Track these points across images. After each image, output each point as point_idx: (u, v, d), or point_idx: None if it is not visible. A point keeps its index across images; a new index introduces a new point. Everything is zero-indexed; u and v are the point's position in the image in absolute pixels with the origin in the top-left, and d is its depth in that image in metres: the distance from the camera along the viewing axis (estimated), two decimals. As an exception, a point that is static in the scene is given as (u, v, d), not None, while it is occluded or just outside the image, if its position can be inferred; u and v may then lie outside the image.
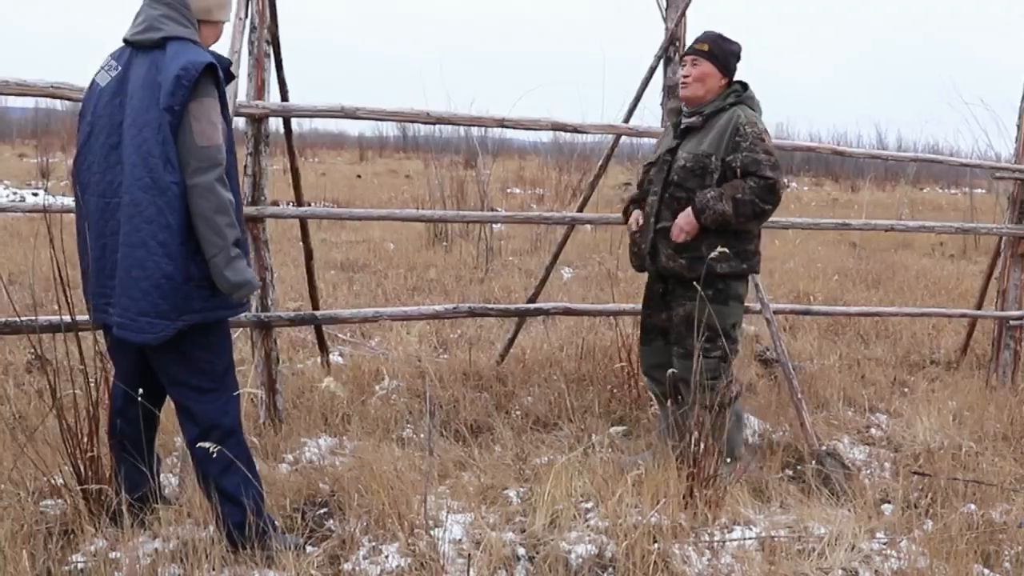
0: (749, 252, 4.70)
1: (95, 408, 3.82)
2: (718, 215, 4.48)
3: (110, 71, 3.53)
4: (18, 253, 10.83)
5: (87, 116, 3.55)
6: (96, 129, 3.50)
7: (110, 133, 3.44)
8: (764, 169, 4.48)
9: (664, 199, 4.73)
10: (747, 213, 4.47)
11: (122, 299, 3.38)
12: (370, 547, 3.72)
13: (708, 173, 4.59)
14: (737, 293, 4.77)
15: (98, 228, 3.47)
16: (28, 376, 6.15)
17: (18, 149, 32.39)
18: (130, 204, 3.33)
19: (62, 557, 3.47)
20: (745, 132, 4.56)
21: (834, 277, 11.69)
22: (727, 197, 4.46)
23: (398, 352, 7.05)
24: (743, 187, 4.47)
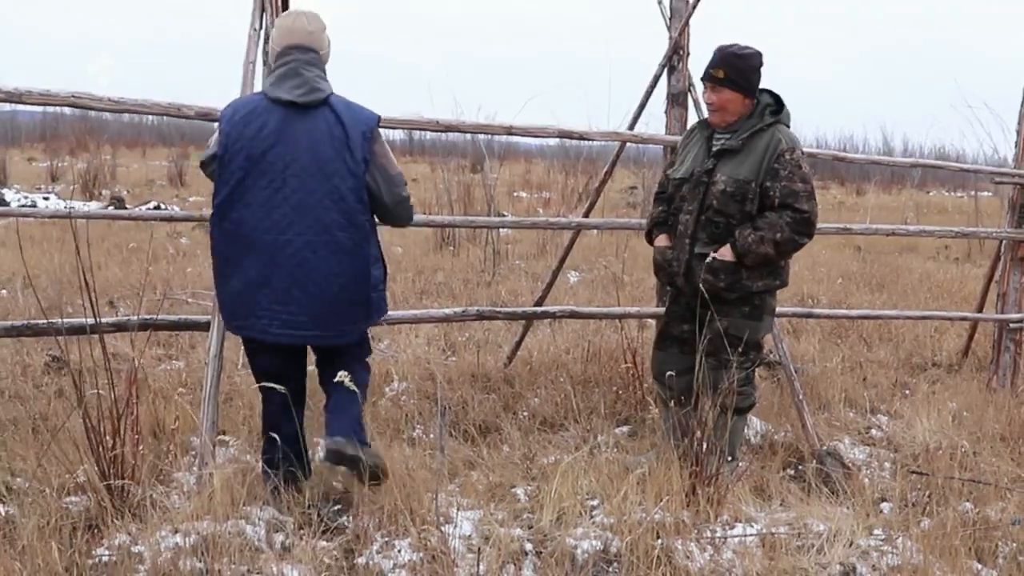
0: (781, 268, 4.81)
1: (118, 407, 3.95)
2: (760, 257, 4.58)
3: (260, 126, 4.01)
4: (32, 257, 11.00)
5: (239, 161, 4.00)
6: (254, 176, 3.99)
7: (272, 179, 3.98)
8: (801, 202, 4.55)
9: (700, 221, 4.74)
10: (787, 250, 4.61)
11: (322, 315, 4.07)
12: (383, 542, 3.86)
13: (748, 199, 4.62)
14: (771, 307, 4.90)
15: (266, 258, 4.01)
16: (46, 377, 6.29)
17: (27, 153, 32.51)
18: (330, 242, 4.01)
19: (87, 550, 3.61)
20: (785, 160, 4.58)
21: (838, 280, 11.79)
22: (768, 240, 4.53)
23: (407, 355, 7.18)
24: (781, 225, 4.53)
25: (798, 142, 4.70)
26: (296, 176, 3.98)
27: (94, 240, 12.12)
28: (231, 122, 4.05)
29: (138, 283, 9.06)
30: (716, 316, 4.62)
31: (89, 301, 4.00)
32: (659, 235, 4.97)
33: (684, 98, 6.05)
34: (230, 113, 4.10)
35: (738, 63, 4.69)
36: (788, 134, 4.69)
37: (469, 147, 22.54)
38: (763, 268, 4.66)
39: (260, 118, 4.02)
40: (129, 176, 25.39)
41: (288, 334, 4.07)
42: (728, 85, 4.69)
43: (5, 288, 9.37)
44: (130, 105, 4.80)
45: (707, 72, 4.75)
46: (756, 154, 4.63)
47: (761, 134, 4.67)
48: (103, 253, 11.54)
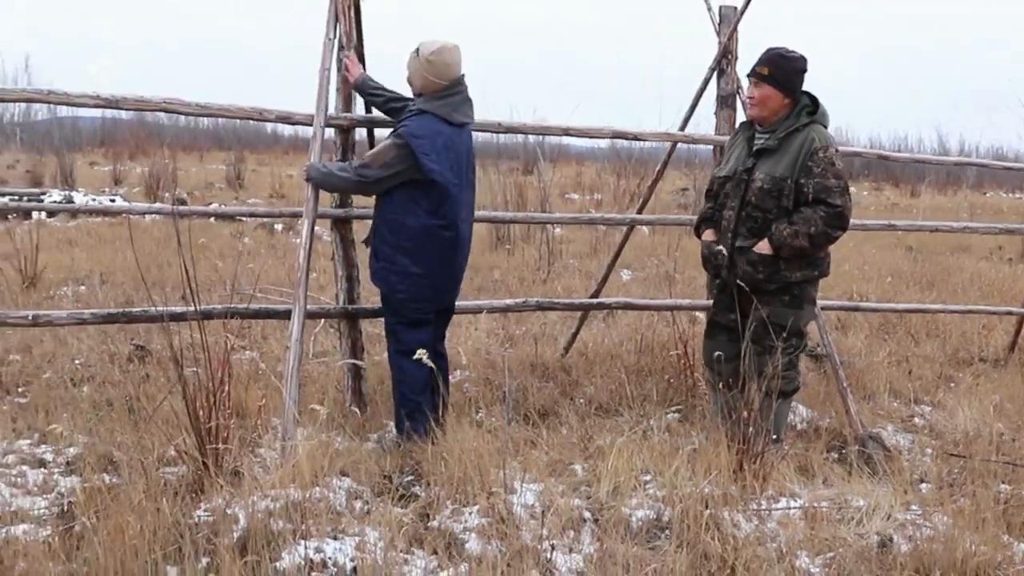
0: (819, 258, 5.09)
1: (212, 385, 4.34)
2: (796, 250, 4.90)
3: (451, 143, 4.99)
4: (105, 255, 11.53)
5: (449, 174, 4.99)
6: (459, 183, 5.04)
7: (464, 183, 5.10)
8: (834, 197, 4.85)
9: (741, 217, 5.08)
10: (821, 243, 4.91)
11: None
12: (453, 508, 4.19)
13: (784, 196, 4.94)
14: (811, 296, 5.19)
15: (463, 244, 5.17)
16: (131, 365, 6.72)
17: (88, 157, 33.41)
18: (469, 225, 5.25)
19: (188, 511, 3.98)
20: (818, 157, 4.89)
21: (887, 279, 11.95)
22: (802, 234, 4.84)
23: (467, 345, 7.52)
24: (814, 219, 4.83)
25: (832, 140, 4.99)
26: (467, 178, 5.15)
27: (162, 239, 12.62)
28: (429, 142, 4.90)
29: (206, 280, 9.52)
30: (758, 305, 4.92)
31: (191, 290, 4.38)
32: (706, 230, 5.31)
33: (733, 100, 6.34)
34: (423, 133, 4.92)
35: (782, 63, 5.03)
36: (822, 133, 4.99)
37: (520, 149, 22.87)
38: (801, 259, 4.95)
39: (449, 138, 4.98)
40: (188, 179, 26.04)
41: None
42: (770, 82, 5.02)
43: (83, 284, 9.87)
44: (215, 110, 5.21)
45: (753, 68, 5.11)
46: (792, 153, 4.94)
47: (797, 133, 4.98)
48: (172, 252, 11.98)
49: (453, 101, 5.02)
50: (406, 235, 4.97)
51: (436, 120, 4.96)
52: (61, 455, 4.92)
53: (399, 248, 5.00)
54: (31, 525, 3.93)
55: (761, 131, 5.14)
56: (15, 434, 5.19)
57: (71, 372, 6.48)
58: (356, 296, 5.75)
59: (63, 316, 5.31)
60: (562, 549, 3.90)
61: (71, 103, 5.07)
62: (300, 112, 5.48)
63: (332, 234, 5.73)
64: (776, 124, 5.07)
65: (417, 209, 4.93)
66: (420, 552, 3.84)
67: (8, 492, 4.38)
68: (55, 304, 8.86)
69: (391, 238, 5.02)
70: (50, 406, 5.60)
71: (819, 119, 5.06)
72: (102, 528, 3.64)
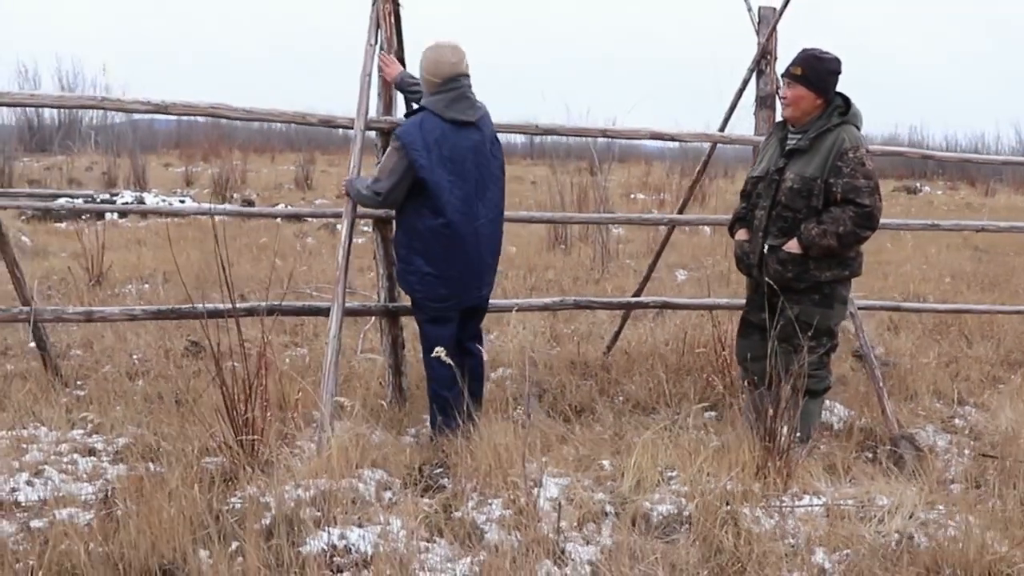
0: (850, 258, 5.12)
1: (249, 378, 4.53)
2: (824, 249, 4.94)
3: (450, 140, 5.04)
4: (170, 255, 11.86)
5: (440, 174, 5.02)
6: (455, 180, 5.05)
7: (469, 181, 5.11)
8: (863, 196, 4.88)
9: (772, 217, 5.13)
10: (850, 243, 4.95)
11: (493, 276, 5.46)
12: (478, 500, 4.32)
13: (813, 196, 4.98)
14: (841, 296, 5.22)
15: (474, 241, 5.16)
16: (185, 360, 6.98)
17: (163, 159, 34.26)
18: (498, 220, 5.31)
19: (223, 498, 4.17)
20: (848, 158, 4.93)
21: (946, 279, 11.80)
22: (831, 233, 4.89)
23: (513, 344, 7.64)
24: (843, 219, 4.87)
25: (863, 141, 5.03)
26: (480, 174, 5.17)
27: (227, 239, 12.94)
28: (419, 142, 4.98)
29: (267, 279, 9.76)
30: (787, 304, 4.96)
31: (227, 288, 4.57)
32: (739, 229, 5.35)
33: (772, 100, 6.37)
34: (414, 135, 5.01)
35: (816, 64, 5.07)
36: (853, 133, 5.02)
37: (587, 150, 22.94)
38: (831, 259, 4.99)
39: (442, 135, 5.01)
40: (259, 180, 26.57)
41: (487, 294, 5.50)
42: (803, 82, 5.06)
43: (148, 282, 10.20)
44: (260, 114, 5.42)
45: (787, 69, 5.16)
46: (822, 153, 4.98)
47: (828, 134, 5.02)
48: (235, 252, 12.30)
49: (447, 98, 5.07)
50: (417, 237, 5.10)
51: (431, 116, 5.05)
52: (111, 445, 5.15)
53: (412, 249, 5.13)
54: (77, 509, 4.15)
55: (794, 131, 5.18)
56: (69, 424, 5.43)
57: (128, 367, 6.74)
58: (397, 294, 5.91)
59: (115, 312, 5.57)
60: (579, 541, 4.00)
61: (123, 108, 5.32)
62: (342, 116, 5.66)
63: (374, 233, 5.89)
64: (808, 124, 5.11)
65: (424, 211, 5.04)
66: (441, 541, 3.97)
67: (59, 478, 4.62)
68: (118, 301, 9.19)
69: (405, 240, 5.17)
70: (105, 399, 5.84)
71: (851, 120, 5.09)
72: (139, 512, 3.84)
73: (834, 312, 5.15)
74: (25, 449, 5.00)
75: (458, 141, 5.07)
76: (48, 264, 11.26)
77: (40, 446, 5.07)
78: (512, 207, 18.39)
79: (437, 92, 5.08)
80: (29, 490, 4.44)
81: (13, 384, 6.04)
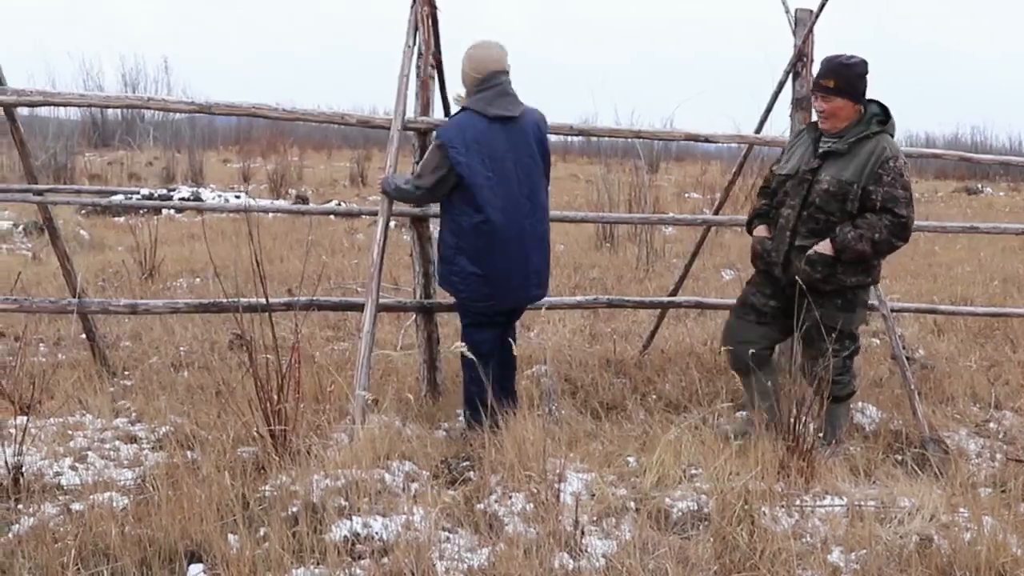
0: (873, 266, 5.17)
1: (282, 371, 4.67)
2: (857, 254, 4.97)
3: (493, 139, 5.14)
4: (223, 249, 12.13)
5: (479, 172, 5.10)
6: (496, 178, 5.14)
7: (512, 179, 5.18)
8: (901, 207, 4.92)
9: (802, 217, 5.14)
10: (883, 250, 5.02)
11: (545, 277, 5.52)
12: (501, 493, 4.42)
13: (849, 200, 5.00)
14: (864, 300, 5.27)
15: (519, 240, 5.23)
16: (229, 352, 7.17)
17: (222, 155, 34.84)
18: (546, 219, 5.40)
19: (254, 487, 4.32)
20: (889, 167, 4.95)
21: (993, 283, 11.66)
22: (866, 239, 4.92)
23: (552, 342, 7.74)
24: (880, 226, 4.91)
25: (901, 152, 5.05)
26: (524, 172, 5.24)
27: (279, 234, 13.22)
28: (461, 140, 5.09)
29: (315, 274, 9.96)
30: (812, 306, 4.99)
31: (261, 284, 4.72)
32: (759, 226, 5.38)
33: (807, 103, 6.37)
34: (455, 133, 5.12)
35: (846, 72, 5.06)
36: (893, 144, 5.05)
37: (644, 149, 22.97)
38: (857, 265, 5.03)
39: (482, 133, 5.10)
40: (315, 176, 26.91)
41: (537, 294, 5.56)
42: (837, 93, 5.06)
43: (199, 276, 10.45)
44: (300, 114, 5.57)
45: (816, 82, 5.14)
46: (861, 158, 4.98)
47: (867, 140, 5.02)
48: (286, 247, 12.55)
49: (490, 95, 5.15)
50: (463, 236, 5.17)
51: (471, 115, 5.15)
52: (153, 433, 5.33)
53: (458, 249, 5.20)
54: (115, 493, 4.32)
55: (829, 134, 5.18)
56: (114, 413, 5.63)
57: (174, 358, 6.95)
58: (432, 291, 6.03)
59: (159, 305, 5.77)
60: (598, 534, 4.08)
61: (168, 108, 5.51)
62: (379, 116, 5.79)
63: (410, 231, 6.02)
64: (845, 129, 5.11)
65: (468, 209, 5.12)
66: (463, 531, 4.08)
67: (100, 464, 4.81)
68: (169, 294, 9.44)
69: (451, 239, 5.23)
70: (149, 388, 6.04)
71: (889, 129, 5.11)
72: (171, 498, 4.00)
73: (856, 316, 5.18)
74: (71, 435, 5.20)
75: (499, 139, 5.14)
76: (104, 257, 11.58)
77: (85, 433, 5.27)
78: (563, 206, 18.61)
79: (480, 89, 5.17)
80: (72, 474, 4.62)
81: (63, 373, 6.25)
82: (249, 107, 5.50)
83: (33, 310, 5.93)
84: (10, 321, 7.63)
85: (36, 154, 20.22)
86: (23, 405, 5.34)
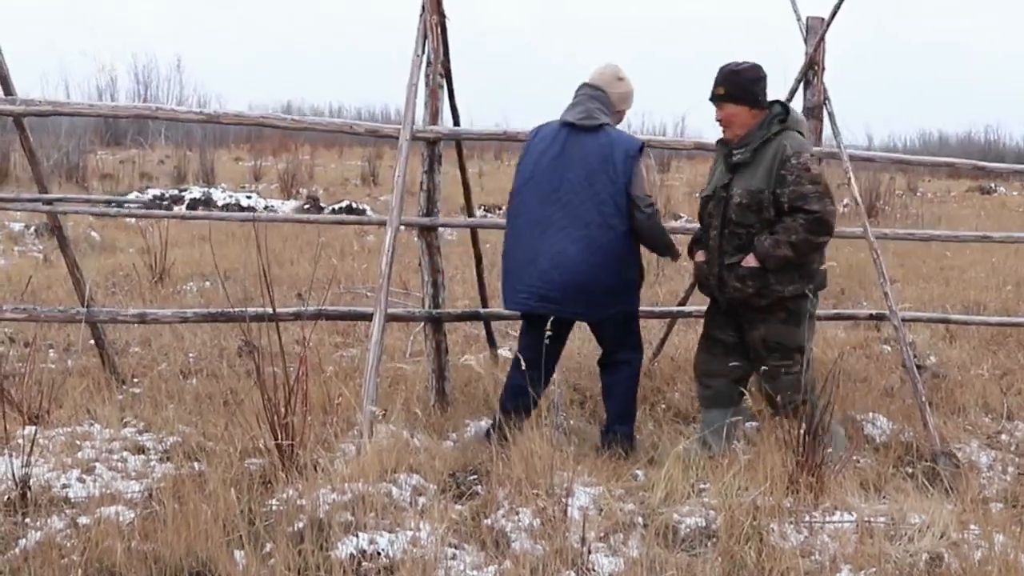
0: (814, 271, 5.07)
1: (289, 384, 4.67)
2: (780, 260, 4.90)
3: (551, 142, 5.21)
4: (233, 252, 12.14)
5: (529, 168, 5.25)
6: (536, 179, 5.19)
7: (550, 183, 5.13)
8: (811, 203, 4.83)
9: (725, 235, 5.10)
10: (805, 251, 4.90)
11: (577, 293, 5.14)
12: (508, 508, 4.40)
13: (764, 208, 4.96)
14: (808, 312, 5.15)
15: (532, 243, 5.17)
16: (238, 360, 7.16)
17: (234, 153, 34.90)
18: (585, 237, 5.07)
19: (260, 501, 4.31)
20: (791, 165, 4.88)
21: (1007, 287, 11.59)
22: (784, 243, 4.86)
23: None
24: (795, 227, 4.84)
25: (806, 145, 4.98)
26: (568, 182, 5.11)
27: (290, 236, 13.21)
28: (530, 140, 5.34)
29: (325, 278, 9.96)
30: (754, 324, 5.04)
31: (268, 293, 4.72)
32: (698, 251, 5.38)
33: (819, 111, 6.36)
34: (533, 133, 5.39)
35: (734, 78, 5.07)
36: (794, 139, 4.98)
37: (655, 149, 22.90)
38: (792, 272, 4.96)
39: (548, 135, 5.23)
40: (326, 175, 26.95)
41: (546, 306, 5.15)
42: (729, 100, 5.07)
43: (209, 280, 10.46)
44: (308, 123, 5.56)
45: (711, 93, 5.14)
46: (765, 163, 4.96)
47: (769, 143, 5.00)
48: (296, 249, 12.55)
49: (570, 104, 5.32)
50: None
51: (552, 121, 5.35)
52: (161, 443, 5.33)
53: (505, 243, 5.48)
54: (122, 507, 4.32)
55: (736, 146, 5.15)
56: (122, 422, 5.63)
57: (183, 365, 6.95)
58: (441, 301, 6.02)
59: (168, 315, 5.77)
60: (605, 551, 4.06)
61: (177, 118, 5.52)
62: (388, 125, 5.78)
63: (419, 241, 6.01)
64: (749, 137, 5.08)
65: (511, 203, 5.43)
66: (469, 548, 4.07)
67: (108, 476, 4.81)
68: (179, 298, 9.46)
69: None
70: (158, 397, 6.04)
71: (791, 125, 5.06)
72: (177, 513, 4.00)
73: (801, 330, 5.10)
74: (79, 446, 5.20)
75: (559, 143, 5.19)
76: (115, 260, 11.61)
77: (93, 443, 5.26)
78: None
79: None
80: (80, 487, 4.62)
81: (72, 381, 6.26)
82: (257, 117, 5.52)
83: (42, 319, 5.94)
84: (20, 327, 7.64)
85: (49, 153, 20.52)
86: (31, 415, 5.36)
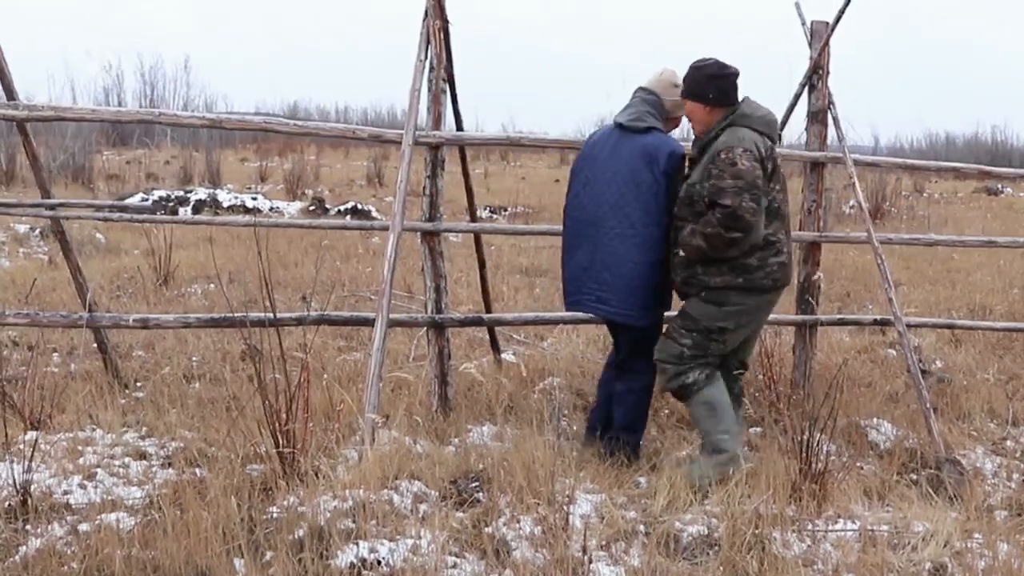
0: (749, 266, 4.95)
1: (291, 390, 4.66)
2: (694, 249, 4.91)
3: (603, 144, 5.26)
4: (238, 254, 12.15)
5: (584, 171, 5.29)
6: (592, 179, 5.22)
7: (603, 183, 5.15)
8: (725, 197, 4.76)
9: (672, 229, 5.13)
10: (717, 244, 4.83)
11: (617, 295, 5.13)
12: (510, 515, 4.38)
13: (695, 202, 4.95)
14: (733, 302, 5.02)
15: (589, 244, 5.18)
16: (242, 364, 7.15)
17: (240, 154, 34.92)
18: (634, 235, 5.06)
19: (261, 508, 4.30)
20: (719, 159, 4.84)
21: (1013, 290, 11.54)
22: (698, 233, 4.85)
23: (565, 352, 7.70)
24: (711, 220, 4.80)
25: (741, 141, 4.87)
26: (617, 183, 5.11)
27: (294, 238, 13.21)
28: (586, 143, 5.47)
29: (330, 280, 9.96)
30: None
31: (269, 300, 4.71)
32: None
33: (824, 115, 6.34)
34: (589, 137, 5.54)
35: (693, 74, 5.09)
36: (734, 135, 4.92)
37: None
38: (720, 264, 4.93)
39: (601, 137, 5.31)
40: (331, 176, 26.93)
41: (600, 308, 5.21)
42: (687, 96, 5.11)
43: (213, 282, 10.45)
44: (311, 129, 5.54)
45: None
46: (706, 159, 4.97)
47: (715, 140, 4.99)
48: (301, 251, 12.55)
49: (624, 106, 5.35)
50: None
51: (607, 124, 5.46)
52: (163, 449, 5.32)
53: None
54: (122, 514, 4.31)
55: (694, 142, 5.21)
56: (124, 427, 5.63)
57: (186, 369, 6.95)
58: (444, 306, 6.00)
59: (170, 320, 5.76)
60: (606, 560, 4.05)
61: (180, 123, 5.49)
62: (391, 131, 5.77)
63: (422, 246, 5.99)
64: (705, 134, 5.10)
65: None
66: (470, 556, 4.05)
67: (110, 482, 4.79)
68: (183, 301, 9.45)
69: None
70: (161, 401, 6.03)
71: (737, 121, 4.99)
72: (178, 520, 3.99)
73: (717, 313, 5.02)
74: (81, 451, 5.19)
75: (608, 145, 5.24)
76: (119, 263, 11.60)
77: (95, 449, 5.25)
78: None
79: None
80: (80, 493, 4.62)
81: (75, 385, 6.26)
82: (260, 122, 5.51)
83: (45, 324, 5.93)
84: (24, 330, 7.64)
85: (55, 154, 20.55)
86: (33, 420, 5.36)
